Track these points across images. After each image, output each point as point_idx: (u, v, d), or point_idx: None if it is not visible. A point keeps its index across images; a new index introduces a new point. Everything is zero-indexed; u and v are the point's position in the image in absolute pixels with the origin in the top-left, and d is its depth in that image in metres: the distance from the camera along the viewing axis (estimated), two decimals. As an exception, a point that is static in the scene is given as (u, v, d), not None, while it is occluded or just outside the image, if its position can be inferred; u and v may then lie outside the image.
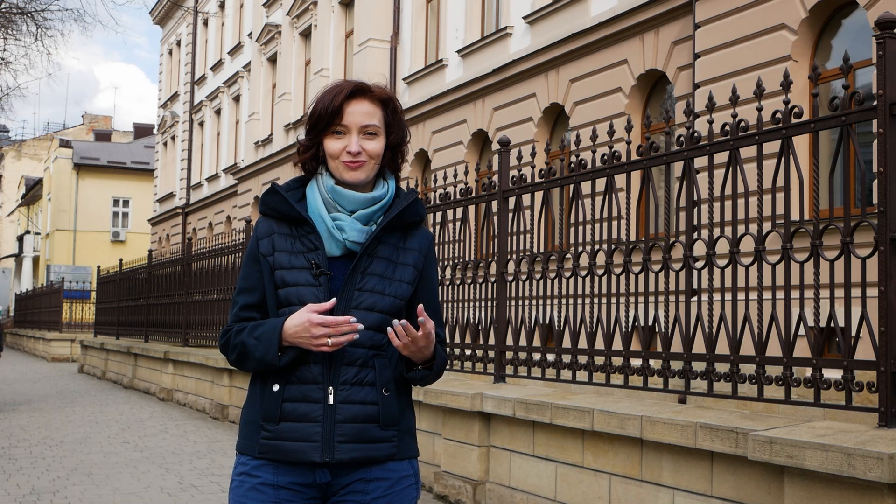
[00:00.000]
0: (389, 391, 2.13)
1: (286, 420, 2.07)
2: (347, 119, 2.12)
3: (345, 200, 2.13)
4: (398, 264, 2.17)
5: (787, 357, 4.02)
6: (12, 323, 42.04)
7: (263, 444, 2.09)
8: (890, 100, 3.63)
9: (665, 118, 5.22)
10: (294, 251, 2.13)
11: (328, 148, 2.14)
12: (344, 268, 2.12)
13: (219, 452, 8.32)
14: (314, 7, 21.62)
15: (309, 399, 2.07)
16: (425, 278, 2.23)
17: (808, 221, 7.39)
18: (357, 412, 2.08)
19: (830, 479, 3.29)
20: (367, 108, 2.14)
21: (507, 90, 14.60)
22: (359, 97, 2.14)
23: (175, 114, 33.62)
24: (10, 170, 56.77)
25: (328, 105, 2.12)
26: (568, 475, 4.86)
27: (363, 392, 2.09)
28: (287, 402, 2.08)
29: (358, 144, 2.11)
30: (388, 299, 2.12)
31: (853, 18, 9.15)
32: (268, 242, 2.15)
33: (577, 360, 5.32)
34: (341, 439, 2.06)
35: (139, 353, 15.29)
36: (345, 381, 2.08)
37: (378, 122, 2.14)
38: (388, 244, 2.16)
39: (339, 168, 2.13)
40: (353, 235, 2.12)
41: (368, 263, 2.13)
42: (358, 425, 2.07)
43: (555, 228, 6.82)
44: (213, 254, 12.20)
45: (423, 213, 2.24)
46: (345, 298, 2.09)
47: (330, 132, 2.13)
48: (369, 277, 2.12)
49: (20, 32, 17.60)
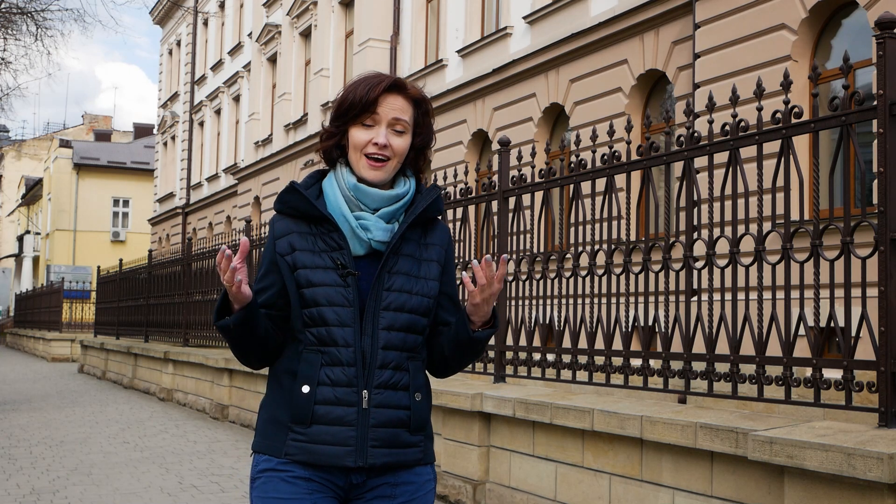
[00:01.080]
0: (421, 396, 2.11)
1: (319, 423, 2.02)
2: (380, 109, 2.08)
3: (368, 198, 2.09)
4: (422, 261, 2.14)
5: (787, 357, 4.02)
6: (12, 323, 42.05)
7: (293, 445, 2.04)
8: (890, 100, 3.63)
9: (665, 118, 5.22)
10: (316, 250, 2.07)
11: (354, 138, 2.10)
12: (368, 267, 2.08)
13: (219, 452, 8.32)
14: (314, 7, 21.62)
15: (343, 402, 2.02)
16: (446, 272, 2.20)
17: (808, 221, 7.39)
18: (390, 416, 2.05)
19: (830, 479, 3.29)
20: (400, 103, 2.11)
21: (507, 90, 14.60)
22: (395, 92, 2.11)
23: (175, 114, 33.63)
24: (10, 170, 56.77)
25: (364, 95, 2.08)
26: (568, 475, 4.86)
27: (397, 396, 2.06)
28: (320, 405, 2.02)
29: (386, 137, 2.07)
30: (416, 298, 2.09)
31: (853, 18, 9.15)
32: (285, 242, 2.10)
33: (577, 360, 5.32)
34: (375, 444, 2.03)
35: (139, 353, 15.29)
36: (379, 384, 2.04)
37: (408, 119, 2.11)
38: (410, 241, 2.13)
39: (361, 164, 2.09)
40: (379, 235, 2.08)
41: (395, 262, 2.09)
42: (391, 430, 2.05)
43: (555, 228, 6.82)
44: (213, 254, 12.19)
45: (442, 209, 2.22)
46: (373, 299, 2.06)
47: (358, 122, 2.09)
48: (396, 277, 2.08)
49: (20, 32, 17.60)
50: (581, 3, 13.03)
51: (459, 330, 2.12)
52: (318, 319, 2.04)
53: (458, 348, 2.15)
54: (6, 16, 16.79)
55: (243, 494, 6.34)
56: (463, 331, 2.11)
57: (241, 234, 11.18)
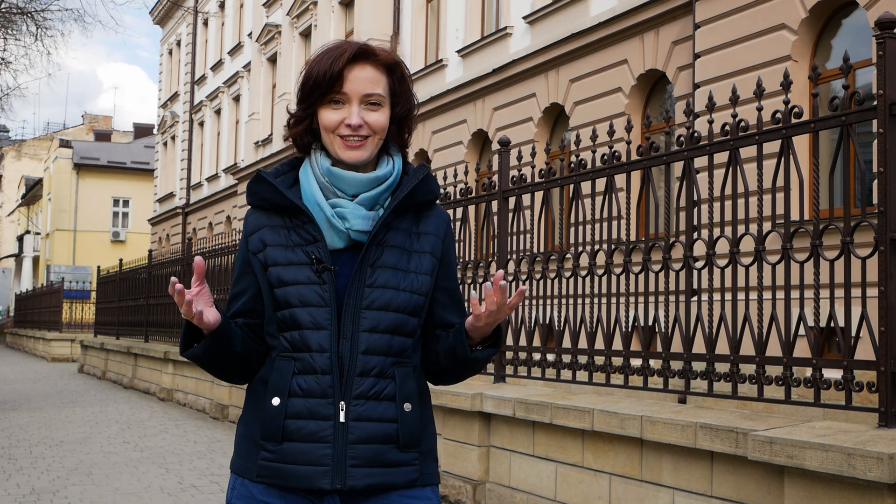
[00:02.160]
0: (411, 406, 1.84)
1: (290, 440, 1.79)
2: (348, 86, 1.82)
3: (344, 183, 1.84)
4: (413, 253, 1.87)
5: (787, 357, 4.02)
6: (12, 323, 42.04)
7: (263, 465, 1.81)
8: (890, 100, 3.63)
9: (665, 118, 5.22)
10: (289, 244, 1.84)
11: (323, 120, 1.85)
12: (349, 261, 1.83)
13: (219, 452, 8.32)
14: (314, 7, 21.63)
15: (317, 416, 1.78)
16: (445, 264, 1.93)
17: (808, 221, 7.39)
18: (373, 431, 1.79)
19: (830, 479, 3.29)
20: (370, 74, 1.85)
21: (507, 90, 14.60)
22: (362, 61, 1.84)
23: (175, 114, 33.63)
24: (10, 170, 56.78)
25: (327, 70, 1.82)
26: (568, 475, 4.86)
27: (381, 408, 1.80)
28: (291, 419, 1.79)
29: (359, 116, 1.82)
30: (404, 295, 1.83)
31: (853, 18, 9.15)
32: (256, 238, 1.87)
33: (577, 360, 5.32)
34: (354, 462, 1.78)
35: (139, 353, 15.29)
36: (359, 394, 1.79)
37: (383, 91, 1.85)
38: (399, 230, 1.87)
39: (336, 145, 1.84)
40: (358, 224, 1.82)
41: (378, 255, 1.83)
42: (374, 446, 1.79)
43: (555, 228, 6.82)
44: (213, 254, 12.19)
45: (436, 191, 1.94)
46: (353, 297, 1.81)
47: (326, 101, 1.84)
48: (381, 271, 1.82)
49: (20, 32, 17.61)
50: (581, 3, 13.03)
51: (457, 346, 1.87)
52: (290, 322, 1.81)
53: (455, 364, 1.91)
54: (6, 16, 16.79)
55: (243, 494, 6.33)
56: (461, 348, 1.86)
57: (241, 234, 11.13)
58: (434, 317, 1.94)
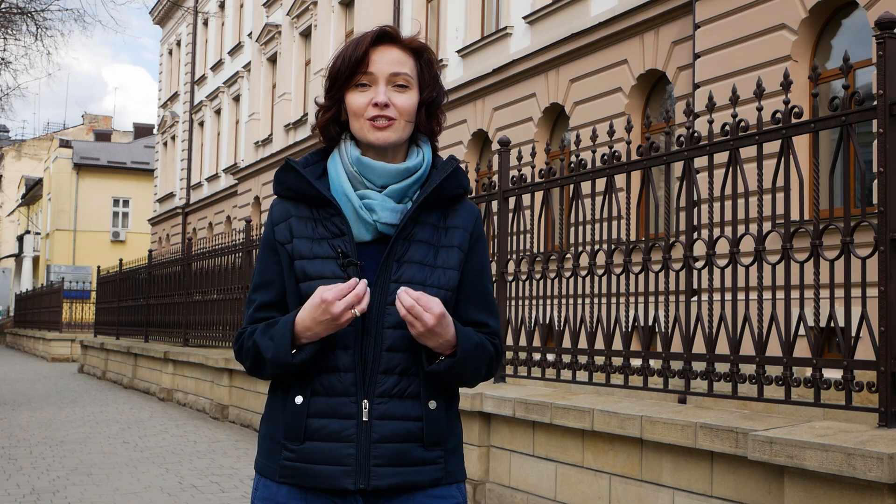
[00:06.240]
0: (437, 404, 1.80)
1: (312, 439, 1.76)
2: (373, 67, 1.79)
3: (373, 173, 1.80)
4: (440, 247, 1.83)
5: (787, 357, 4.02)
6: (12, 323, 42.05)
7: (286, 465, 1.78)
8: (890, 100, 3.63)
9: (665, 118, 5.22)
10: (316, 237, 1.80)
11: (351, 104, 1.81)
12: (376, 255, 1.79)
13: (219, 452, 8.32)
14: (314, 7, 21.64)
15: (339, 414, 1.75)
16: (473, 260, 1.88)
17: (808, 221, 7.39)
18: (396, 430, 1.76)
19: (830, 479, 3.29)
20: (396, 55, 1.82)
21: (507, 90, 14.61)
22: (386, 43, 1.82)
23: (175, 114, 33.64)
24: (10, 170, 56.79)
25: (352, 53, 1.79)
26: (568, 475, 4.86)
27: (404, 406, 1.77)
28: (313, 418, 1.76)
29: (385, 95, 1.78)
30: (430, 291, 1.76)
31: (853, 18, 9.15)
32: (284, 228, 1.83)
33: (577, 360, 5.32)
34: (378, 462, 1.75)
35: (139, 353, 15.29)
36: (382, 392, 1.76)
37: (409, 72, 1.82)
38: (426, 224, 1.83)
39: (365, 128, 1.79)
40: (385, 216, 1.79)
41: (405, 249, 1.79)
42: (397, 445, 1.76)
43: (555, 228, 6.82)
44: (213, 254, 12.20)
45: (466, 185, 1.89)
46: (379, 292, 1.77)
47: (352, 86, 1.81)
48: (407, 266, 1.78)
49: (20, 32, 17.62)
50: (581, 3, 13.03)
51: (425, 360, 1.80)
52: None
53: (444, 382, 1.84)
54: (6, 16, 16.80)
55: (243, 494, 6.34)
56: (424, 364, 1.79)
57: (241, 234, 11.15)
58: (459, 314, 1.85)
